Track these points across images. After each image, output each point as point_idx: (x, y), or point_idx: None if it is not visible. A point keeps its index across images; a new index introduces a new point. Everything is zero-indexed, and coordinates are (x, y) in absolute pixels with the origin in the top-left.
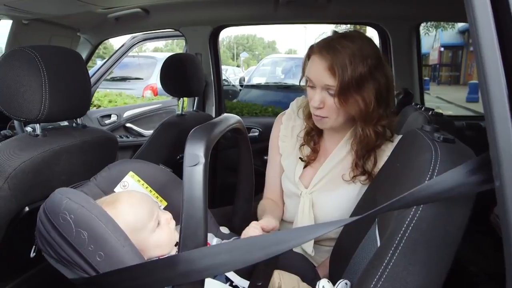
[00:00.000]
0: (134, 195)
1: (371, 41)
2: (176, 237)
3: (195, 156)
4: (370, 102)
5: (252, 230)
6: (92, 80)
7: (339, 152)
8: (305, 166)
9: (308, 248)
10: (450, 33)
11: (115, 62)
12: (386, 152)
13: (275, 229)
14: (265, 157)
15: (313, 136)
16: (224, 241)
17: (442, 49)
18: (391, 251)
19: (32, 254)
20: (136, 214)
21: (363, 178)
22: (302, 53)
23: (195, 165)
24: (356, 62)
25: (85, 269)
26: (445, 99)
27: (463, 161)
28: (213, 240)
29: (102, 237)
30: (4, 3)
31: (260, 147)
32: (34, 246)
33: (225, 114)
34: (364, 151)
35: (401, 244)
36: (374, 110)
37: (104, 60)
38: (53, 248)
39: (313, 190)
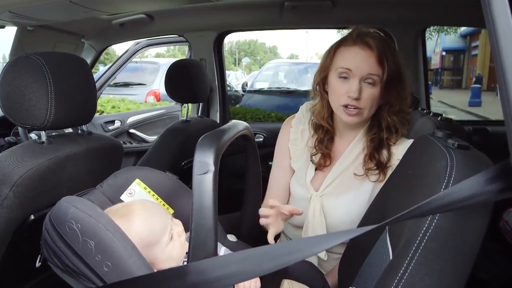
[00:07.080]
0: (148, 207)
1: None
2: (186, 249)
3: (205, 164)
4: (405, 93)
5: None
6: (96, 86)
7: (352, 151)
8: (316, 169)
9: (321, 253)
10: (451, 37)
11: (119, 68)
12: (396, 155)
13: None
14: (270, 163)
15: (325, 143)
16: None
17: (443, 53)
18: (406, 261)
19: (37, 264)
20: (151, 230)
21: (376, 172)
22: (304, 58)
23: (204, 173)
24: (395, 53)
25: (92, 279)
26: (447, 103)
27: (480, 168)
28: (221, 249)
29: (110, 246)
30: (9, 9)
31: (264, 152)
32: (39, 256)
33: (233, 121)
34: (380, 142)
35: (417, 253)
36: (405, 100)
37: (108, 66)
38: (59, 258)
39: (323, 193)
